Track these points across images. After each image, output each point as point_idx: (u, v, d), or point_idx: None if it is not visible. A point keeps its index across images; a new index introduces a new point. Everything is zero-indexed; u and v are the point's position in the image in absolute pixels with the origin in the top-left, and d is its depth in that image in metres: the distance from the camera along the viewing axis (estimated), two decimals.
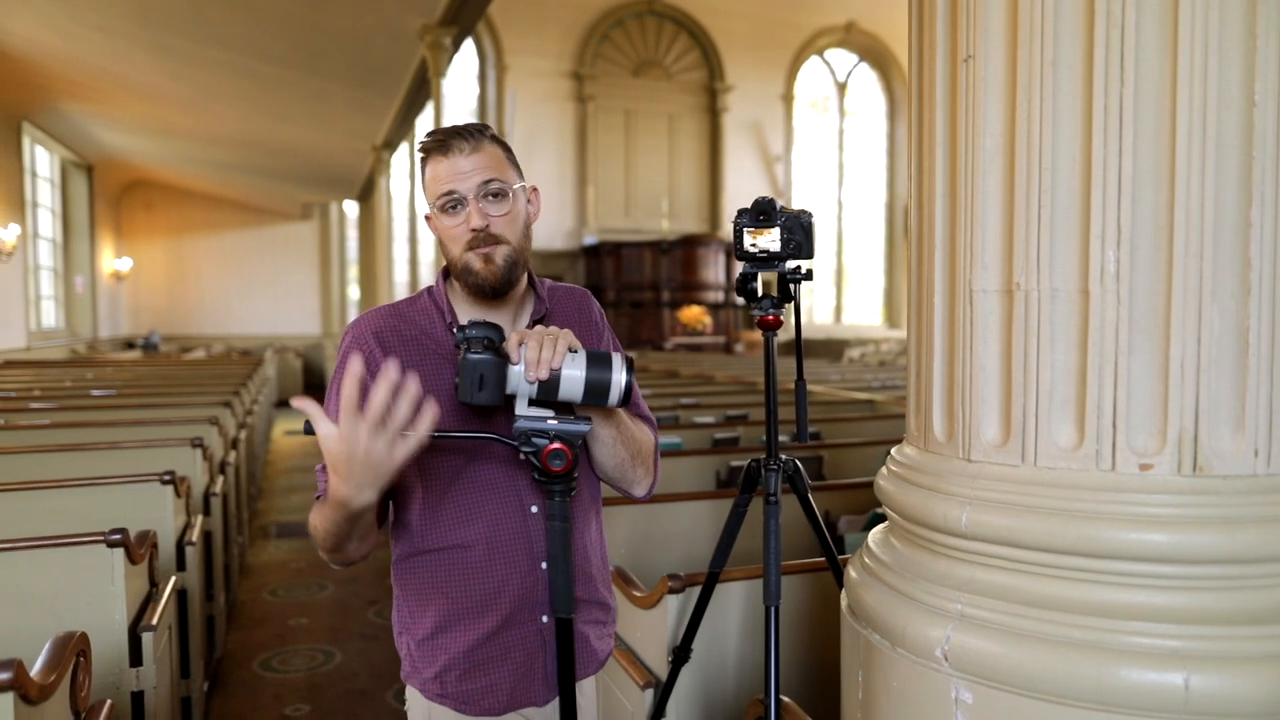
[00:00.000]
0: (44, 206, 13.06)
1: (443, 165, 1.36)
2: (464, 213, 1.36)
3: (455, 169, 1.36)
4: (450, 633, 1.41)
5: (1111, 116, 1.12)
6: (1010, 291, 1.20)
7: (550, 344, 1.25)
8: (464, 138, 1.37)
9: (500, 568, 1.40)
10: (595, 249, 17.51)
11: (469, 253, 1.37)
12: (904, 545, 1.37)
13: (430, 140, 1.39)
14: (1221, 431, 1.11)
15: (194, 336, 16.35)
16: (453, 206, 1.36)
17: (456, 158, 1.36)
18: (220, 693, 3.55)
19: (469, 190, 1.35)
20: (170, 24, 7.76)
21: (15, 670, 1.33)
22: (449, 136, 1.37)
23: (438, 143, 1.37)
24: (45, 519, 2.63)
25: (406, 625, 1.46)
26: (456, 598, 1.40)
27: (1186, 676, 1.04)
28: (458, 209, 1.36)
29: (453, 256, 1.39)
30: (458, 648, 1.41)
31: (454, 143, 1.36)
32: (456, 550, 1.39)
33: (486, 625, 1.40)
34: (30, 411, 5.04)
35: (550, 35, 17.52)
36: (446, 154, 1.36)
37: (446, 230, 1.38)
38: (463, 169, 1.36)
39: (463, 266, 1.38)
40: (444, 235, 1.39)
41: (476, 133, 1.38)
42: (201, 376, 7.91)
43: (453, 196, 1.36)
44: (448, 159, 1.36)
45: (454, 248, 1.38)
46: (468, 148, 1.36)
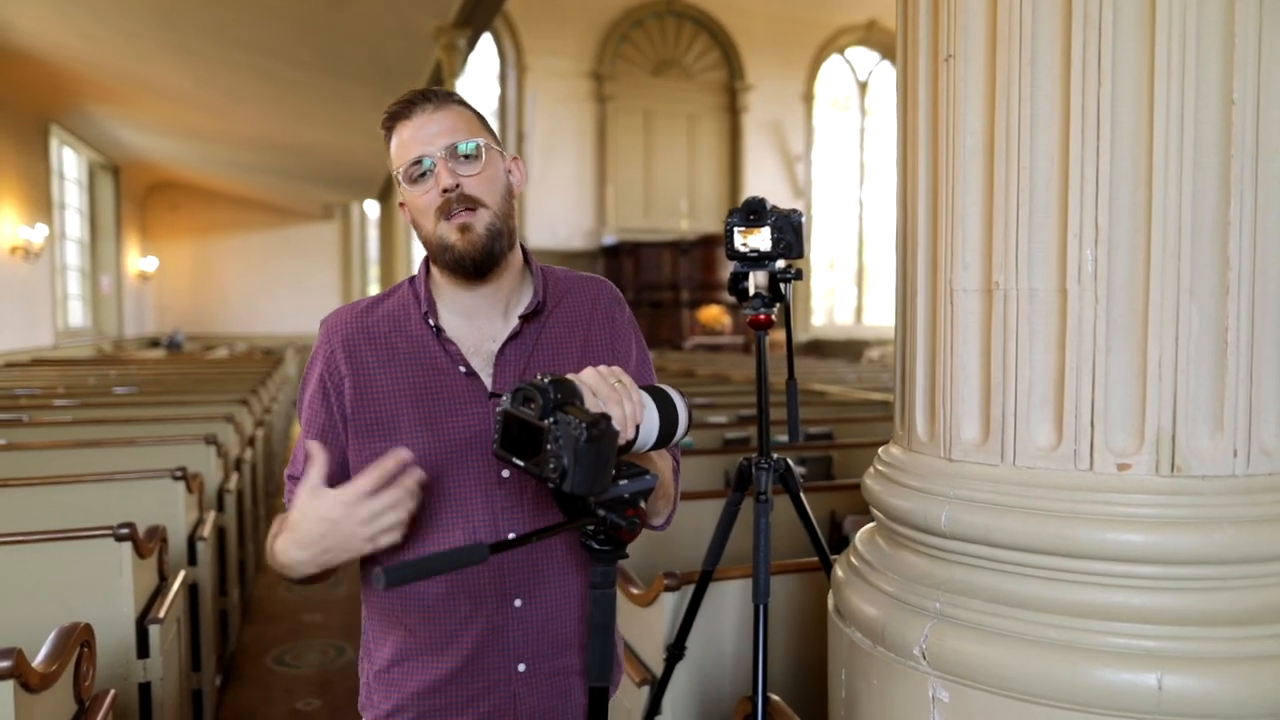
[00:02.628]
0: (71, 207, 13.29)
1: (407, 130, 1.19)
2: (432, 178, 1.18)
3: (420, 131, 1.18)
4: (406, 666, 1.23)
5: (1089, 115, 1.12)
6: (990, 291, 1.21)
7: (625, 394, 1.05)
8: (428, 99, 1.20)
9: (463, 604, 1.20)
10: (614, 249, 17.53)
11: (443, 222, 1.18)
12: (888, 545, 1.37)
13: (393, 106, 1.21)
14: (1200, 431, 1.11)
15: (217, 335, 16.56)
16: (421, 176, 1.18)
17: (420, 118, 1.19)
18: (233, 686, 3.60)
19: (436, 152, 1.17)
20: (192, 27, 7.88)
21: (15, 659, 1.36)
22: (412, 99, 1.21)
23: (401, 106, 1.20)
24: (60, 513, 2.68)
25: (368, 650, 1.29)
26: (415, 630, 1.22)
27: (1160, 677, 1.04)
28: (425, 177, 1.18)
29: (427, 232, 1.20)
30: (413, 686, 1.23)
31: (417, 104, 1.19)
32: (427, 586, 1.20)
33: (446, 666, 1.21)
34: (53, 409, 5.14)
35: (570, 35, 17.57)
36: (410, 116, 1.19)
37: (416, 202, 1.20)
38: (428, 131, 1.18)
39: (438, 242, 1.19)
40: (415, 210, 1.21)
41: (440, 94, 1.22)
42: (222, 375, 8.01)
43: (420, 164, 1.18)
44: (412, 121, 1.19)
45: (426, 221, 1.19)
46: (431, 107, 1.19)
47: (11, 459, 3.44)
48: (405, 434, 1.19)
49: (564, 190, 17.62)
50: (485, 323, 1.26)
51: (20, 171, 10.45)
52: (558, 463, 0.94)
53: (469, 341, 1.25)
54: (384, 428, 1.20)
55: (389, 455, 1.04)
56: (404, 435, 1.19)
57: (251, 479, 4.87)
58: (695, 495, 2.93)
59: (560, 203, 17.53)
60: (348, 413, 1.22)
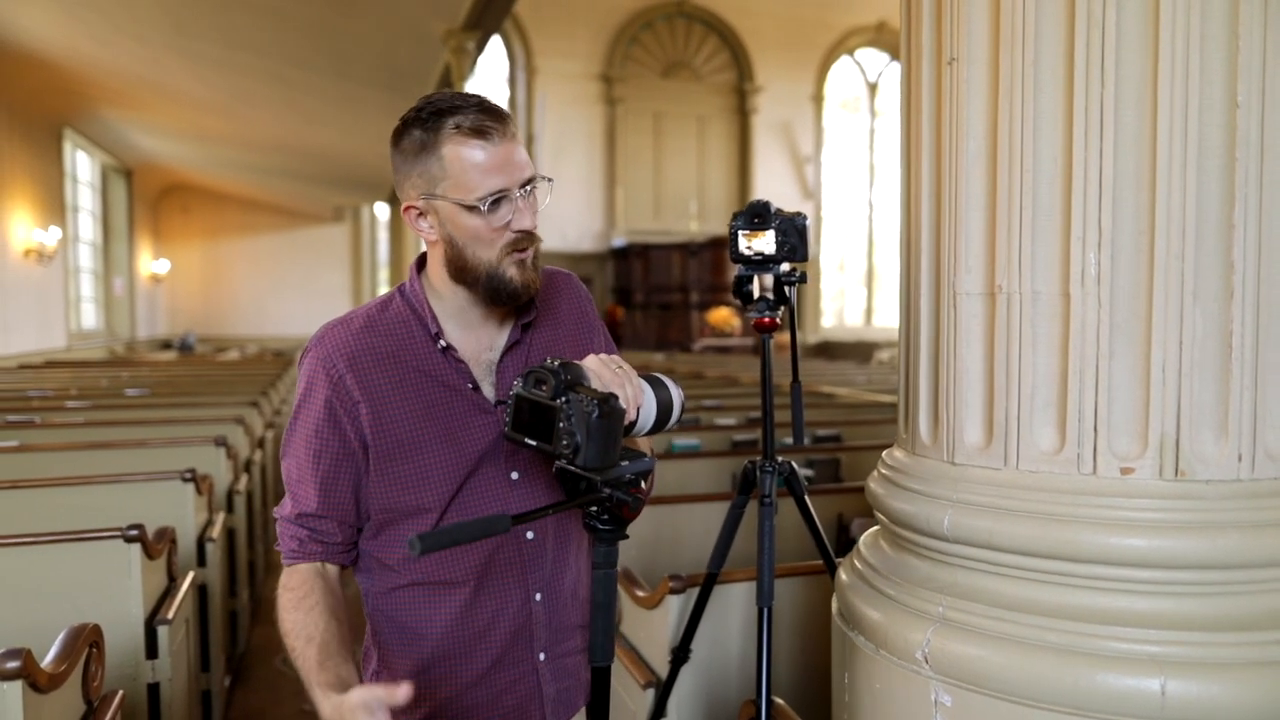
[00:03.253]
0: (85, 210, 13.39)
1: (487, 153, 1.12)
2: (507, 211, 1.14)
3: (503, 158, 1.13)
4: (434, 674, 1.23)
5: (1092, 118, 1.12)
6: (993, 294, 1.20)
7: (627, 378, 1.09)
8: (499, 119, 1.14)
9: (490, 603, 1.23)
10: (624, 251, 17.54)
11: (507, 258, 1.15)
12: (891, 549, 1.37)
13: (453, 120, 1.12)
14: (1204, 436, 1.10)
15: (229, 337, 16.64)
16: (495, 205, 1.13)
17: (501, 146, 1.13)
18: (242, 687, 3.62)
19: (517, 189, 1.14)
20: (203, 31, 7.93)
21: (24, 659, 1.38)
22: (480, 115, 1.13)
23: (471, 119, 1.12)
24: (70, 514, 2.70)
25: (386, 662, 1.26)
26: (441, 638, 1.23)
27: (1163, 682, 1.03)
28: (499, 207, 1.13)
29: (481, 260, 1.16)
30: (445, 692, 1.23)
31: (491, 125, 1.12)
32: (443, 587, 1.22)
33: (476, 668, 1.23)
34: (65, 410, 5.18)
35: (580, 38, 17.60)
36: (490, 139, 1.12)
37: (480, 231, 1.14)
38: (508, 158, 1.13)
39: (496, 273, 1.16)
40: (471, 235, 1.15)
41: (497, 109, 1.15)
42: (233, 377, 8.05)
43: (502, 196, 1.13)
44: (493, 145, 1.12)
45: (487, 251, 1.15)
46: (506, 131, 1.13)
47: (23, 460, 3.47)
48: (429, 453, 1.19)
49: (573, 192, 17.64)
50: (484, 333, 1.25)
51: (34, 175, 10.53)
52: (571, 439, 1.00)
53: (468, 352, 1.24)
54: (406, 449, 1.19)
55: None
56: (428, 454, 1.19)
57: (261, 480, 4.90)
58: (702, 498, 2.93)
59: (570, 205, 17.55)
60: (367, 438, 1.18)
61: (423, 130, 1.14)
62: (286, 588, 1.19)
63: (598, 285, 18.06)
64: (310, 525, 1.20)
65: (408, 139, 1.16)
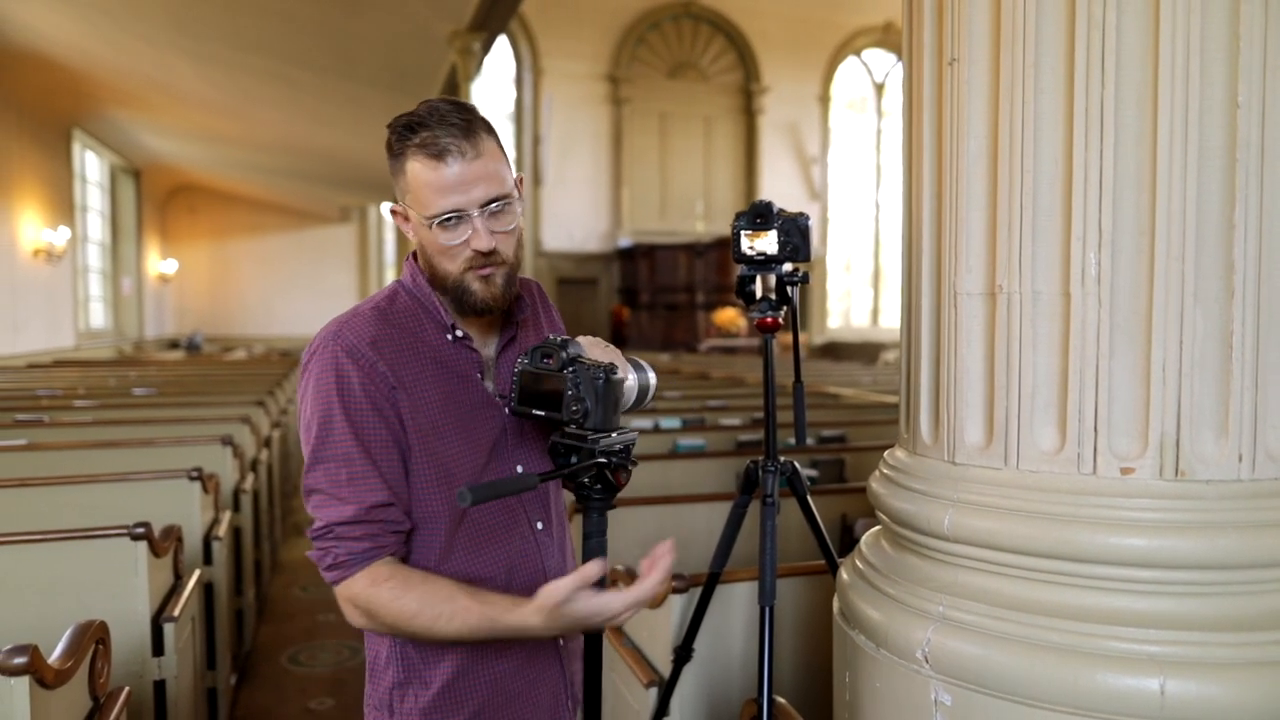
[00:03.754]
0: (93, 210, 13.46)
1: (437, 173, 1.13)
2: (463, 229, 1.16)
3: (457, 179, 1.13)
4: (472, 677, 1.24)
5: (1093, 119, 1.12)
6: (993, 294, 1.21)
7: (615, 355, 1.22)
8: (461, 134, 1.13)
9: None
10: (630, 251, 17.55)
11: (468, 273, 1.19)
12: (892, 548, 1.38)
13: (417, 138, 1.13)
14: (1204, 436, 1.10)
15: (236, 337, 16.71)
16: (451, 224, 1.15)
17: (457, 166, 1.13)
18: (247, 685, 3.64)
19: (474, 210, 1.15)
20: (210, 33, 7.97)
21: (31, 655, 1.39)
22: (441, 134, 1.13)
23: (429, 137, 1.13)
24: (77, 512, 2.72)
25: (411, 677, 1.23)
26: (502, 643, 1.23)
27: (1163, 682, 1.04)
28: (457, 227, 1.16)
29: (445, 271, 1.19)
30: (484, 691, 1.24)
31: (450, 146, 1.12)
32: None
33: (513, 660, 1.26)
34: (73, 409, 5.21)
35: (586, 38, 17.62)
36: (442, 159, 1.13)
37: (440, 246, 1.17)
38: (465, 179, 1.13)
39: (457, 286, 1.19)
40: (433, 249, 1.19)
41: (470, 126, 1.15)
42: (239, 377, 8.09)
43: (455, 216, 1.15)
44: (445, 165, 1.13)
45: (449, 264, 1.19)
46: (469, 151, 1.13)
47: (32, 459, 3.50)
48: (449, 441, 1.20)
49: (579, 192, 17.67)
50: (478, 328, 1.28)
51: (44, 175, 10.59)
52: (580, 405, 1.10)
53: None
54: (435, 434, 1.20)
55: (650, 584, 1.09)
56: (449, 442, 1.20)
57: (268, 480, 4.92)
58: (706, 498, 2.93)
59: (576, 205, 17.57)
60: (405, 420, 1.18)
61: (396, 142, 1.17)
62: (379, 581, 1.13)
63: (604, 286, 18.09)
64: (382, 516, 1.15)
65: (389, 147, 1.19)
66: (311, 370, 1.18)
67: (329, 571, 1.15)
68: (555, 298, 15.33)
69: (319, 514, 1.16)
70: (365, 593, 1.13)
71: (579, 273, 17.80)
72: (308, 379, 1.18)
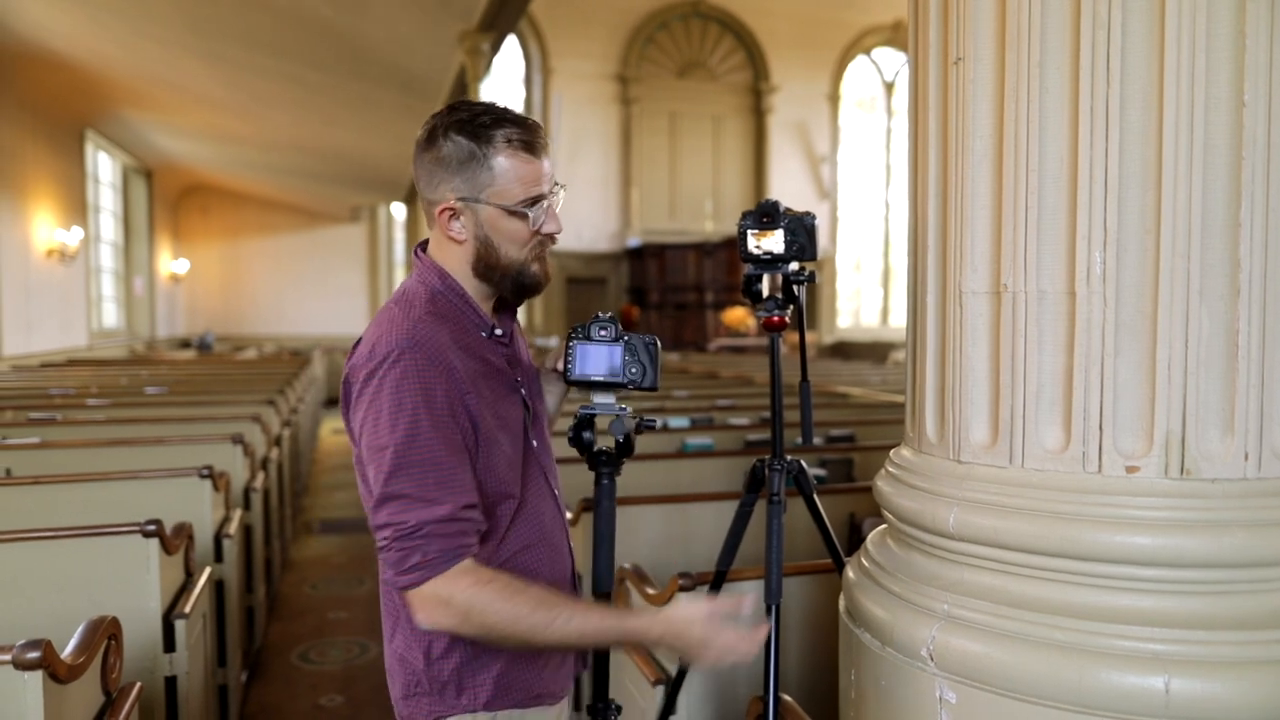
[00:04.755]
0: (106, 210, 13.54)
1: (534, 165, 1.24)
2: (540, 216, 1.26)
3: (544, 171, 1.26)
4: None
5: (1098, 117, 1.12)
6: (998, 293, 1.21)
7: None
8: (540, 134, 1.26)
9: (560, 560, 1.37)
10: (639, 250, 17.55)
11: (530, 257, 1.29)
12: (898, 546, 1.38)
13: (503, 132, 1.23)
14: (1210, 434, 1.10)
15: (247, 336, 16.79)
16: (531, 206, 1.25)
17: (545, 158, 1.26)
18: (258, 682, 3.66)
19: (553, 197, 1.28)
20: (222, 34, 8.01)
21: (44, 650, 1.41)
22: (525, 131, 1.24)
23: (532, 134, 1.25)
24: (90, 510, 2.75)
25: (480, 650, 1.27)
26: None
27: (1167, 680, 1.04)
28: (535, 209, 1.25)
29: (511, 259, 1.28)
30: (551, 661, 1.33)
31: (543, 142, 1.26)
32: (522, 552, 1.30)
33: None
34: (86, 408, 5.25)
35: (595, 38, 17.63)
36: (536, 153, 1.25)
37: (517, 233, 1.26)
38: (548, 172, 1.27)
39: (522, 269, 1.28)
40: (506, 236, 1.26)
41: (541, 128, 1.28)
42: (251, 376, 8.14)
43: (541, 201, 1.26)
44: (538, 159, 1.25)
45: (516, 250, 1.27)
46: (547, 146, 1.27)
47: (45, 457, 3.53)
48: (501, 432, 1.27)
49: (589, 192, 17.67)
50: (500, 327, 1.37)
51: (57, 175, 10.67)
52: (640, 368, 1.33)
53: None
54: (495, 427, 1.26)
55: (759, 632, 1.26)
56: (501, 433, 1.27)
57: (278, 478, 4.94)
58: (714, 496, 2.94)
59: (585, 205, 17.58)
60: (475, 420, 1.23)
61: (470, 139, 1.22)
62: (483, 582, 1.16)
63: (613, 285, 18.09)
64: (470, 516, 1.19)
65: (449, 145, 1.23)
66: (388, 378, 1.18)
67: (412, 572, 1.15)
68: (564, 297, 15.18)
69: (406, 516, 1.15)
70: (467, 592, 1.15)
71: (588, 272, 17.82)
72: (381, 386, 1.18)
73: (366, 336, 1.26)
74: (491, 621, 1.15)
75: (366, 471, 1.21)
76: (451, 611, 1.15)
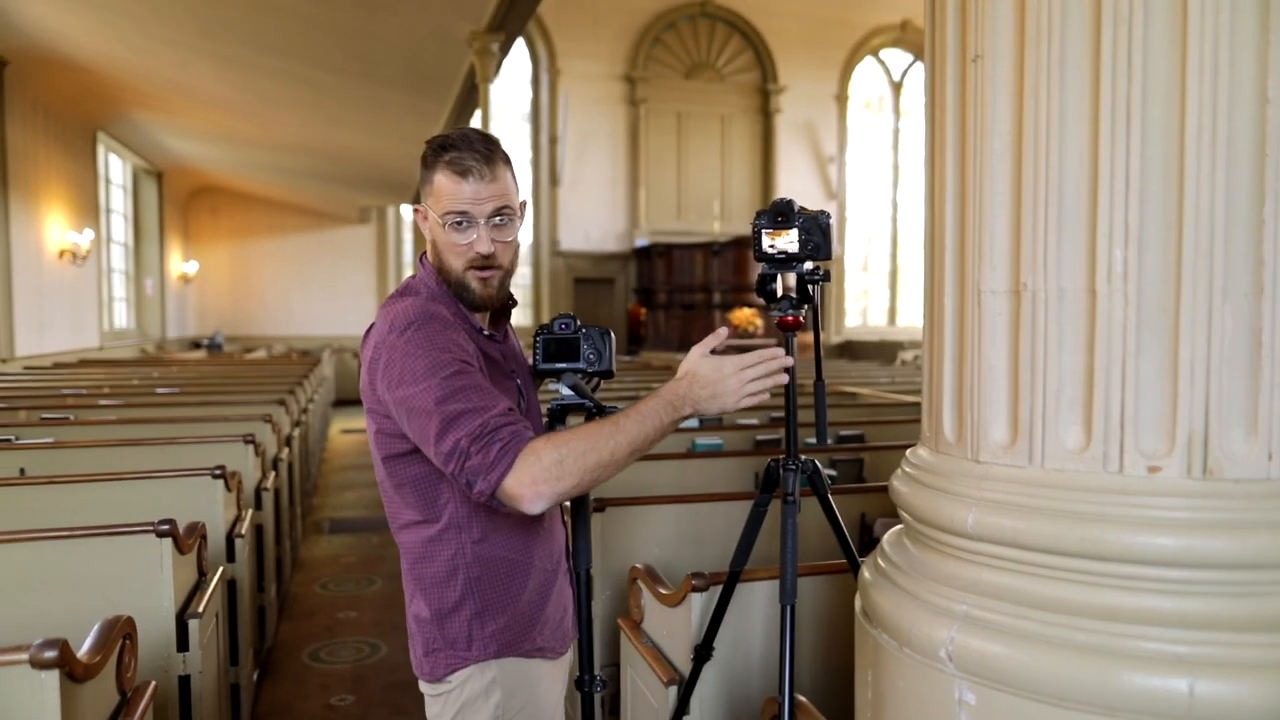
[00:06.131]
0: (116, 212, 13.61)
1: (458, 186, 1.40)
2: (471, 233, 1.42)
3: (472, 194, 1.40)
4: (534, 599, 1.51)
5: (1119, 115, 1.11)
6: (1018, 292, 1.20)
7: None
8: (482, 160, 1.40)
9: (550, 527, 1.56)
10: (646, 250, 17.55)
11: (469, 271, 1.45)
12: (915, 547, 1.37)
13: (448, 155, 1.41)
14: (1233, 434, 1.09)
15: (256, 337, 16.84)
16: (460, 227, 1.42)
17: (475, 183, 1.40)
18: (269, 681, 3.67)
19: (481, 218, 1.42)
20: (233, 36, 8.04)
21: (61, 649, 1.41)
22: (467, 156, 1.40)
23: (456, 156, 1.40)
24: (103, 509, 2.76)
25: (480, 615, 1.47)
26: (535, 562, 1.51)
27: (1191, 683, 1.03)
28: (464, 229, 1.42)
29: (450, 267, 1.46)
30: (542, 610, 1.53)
31: (473, 167, 1.40)
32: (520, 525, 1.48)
33: (556, 583, 1.57)
34: (99, 408, 5.28)
35: (603, 39, 17.63)
36: (464, 176, 1.40)
37: (449, 244, 1.44)
38: (479, 195, 1.41)
39: (458, 282, 1.46)
40: (444, 246, 1.45)
41: (491, 155, 1.41)
42: (261, 376, 8.16)
43: (465, 219, 1.42)
44: (466, 182, 1.40)
45: (454, 261, 1.45)
46: (488, 174, 1.40)
47: (59, 456, 3.55)
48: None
49: (596, 193, 17.69)
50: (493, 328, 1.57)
51: (69, 178, 10.73)
52: (597, 355, 1.55)
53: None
54: None
55: (770, 350, 1.42)
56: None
57: (289, 478, 4.96)
58: (724, 496, 2.93)
59: (593, 205, 17.59)
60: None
61: (430, 156, 1.44)
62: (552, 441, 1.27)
63: (620, 285, 18.10)
64: (516, 417, 1.30)
65: (424, 159, 1.46)
66: (416, 337, 1.35)
67: (500, 461, 1.24)
68: (572, 297, 15.22)
69: (471, 424, 1.26)
70: (548, 453, 1.25)
71: (596, 272, 17.82)
72: (410, 344, 1.34)
73: (380, 320, 1.44)
74: (581, 464, 1.26)
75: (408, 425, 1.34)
76: (549, 473, 1.24)
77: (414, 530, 1.48)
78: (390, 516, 1.51)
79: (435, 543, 1.46)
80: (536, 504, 1.25)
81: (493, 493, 1.25)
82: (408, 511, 1.47)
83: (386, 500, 1.51)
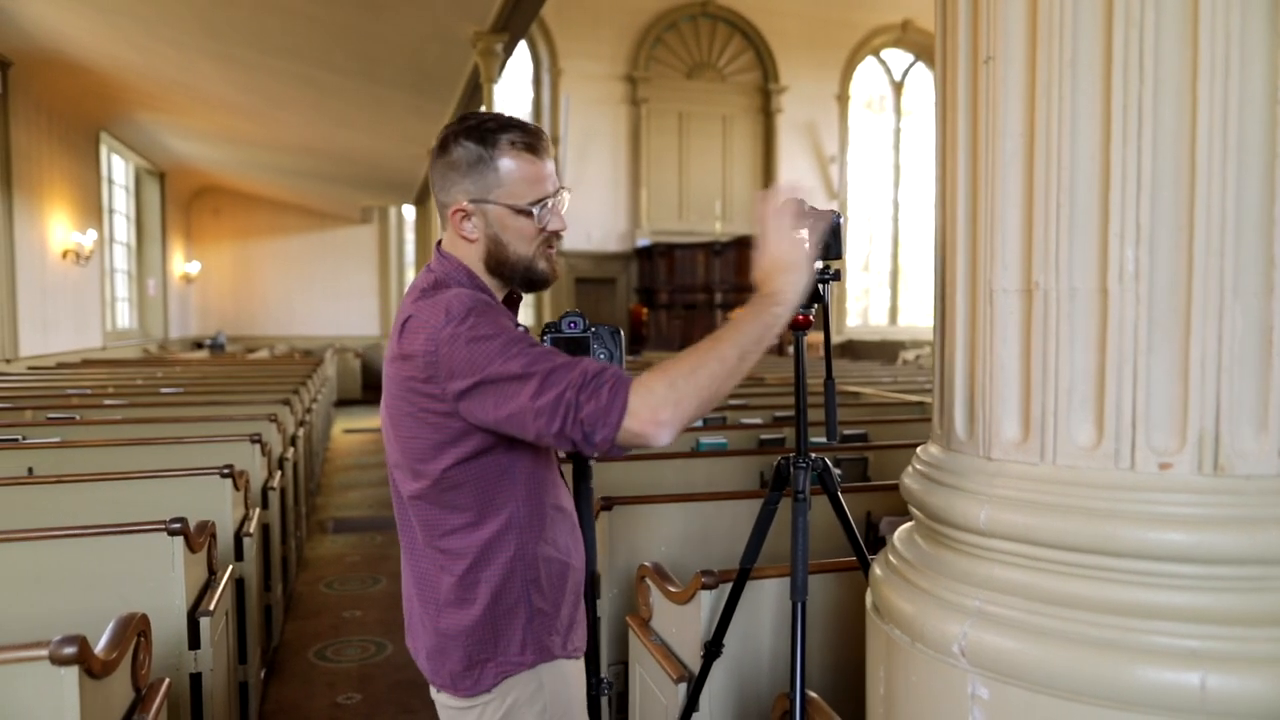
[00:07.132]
0: (119, 212, 13.62)
1: (536, 166, 1.36)
2: (546, 215, 1.38)
3: (546, 172, 1.37)
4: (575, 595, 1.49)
5: (1130, 115, 1.12)
6: (1030, 291, 1.21)
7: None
8: (542, 138, 1.38)
9: (572, 523, 1.54)
10: (648, 250, 17.55)
11: (541, 252, 1.40)
12: (926, 543, 1.38)
13: (508, 136, 1.35)
14: (1244, 431, 1.10)
15: (258, 337, 16.85)
16: (540, 206, 1.37)
17: (547, 160, 1.37)
18: (276, 680, 3.68)
19: (552, 193, 1.38)
20: (237, 37, 8.05)
21: (80, 646, 1.42)
22: (537, 136, 1.37)
23: (535, 138, 1.36)
24: (113, 508, 2.77)
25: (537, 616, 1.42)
26: (578, 559, 1.50)
27: (1203, 676, 1.04)
28: (542, 209, 1.37)
29: (520, 255, 1.39)
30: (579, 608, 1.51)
31: (546, 146, 1.37)
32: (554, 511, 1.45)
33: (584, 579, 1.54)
34: (104, 408, 5.29)
35: (604, 39, 17.64)
36: (539, 155, 1.36)
37: (525, 228, 1.37)
38: (551, 172, 1.38)
39: (531, 265, 1.40)
40: (514, 233, 1.37)
41: (543, 132, 1.39)
42: (264, 376, 8.18)
43: (547, 200, 1.37)
44: (541, 161, 1.36)
45: (524, 246, 1.38)
46: (549, 149, 1.38)
47: (65, 456, 3.56)
48: None
49: (598, 193, 17.68)
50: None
51: (72, 178, 10.74)
52: (606, 352, 1.55)
53: None
54: None
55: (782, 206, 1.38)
56: None
57: (294, 477, 4.97)
58: (729, 495, 2.94)
59: (594, 205, 17.59)
60: None
61: (478, 144, 1.34)
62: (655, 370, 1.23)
63: (622, 285, 18.10)
64: (610, 363, 1.34)
65: (460, 150, 1.35)
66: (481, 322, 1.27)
67: (615, 401, 1.18)
68: (574, 297, 15.19)
69: (569, 374, 1.21)
70: (661, 382, 1.20)
71: (597, 272, 17.83)
72: (476, 326, 1.26)
73: (426, 314, 1.30)
74: (694, 381, 1.21)
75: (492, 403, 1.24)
76: (666, 399, 1.19)
77: (462, 535, 1.37)
78: (426, 527, 1.39)
79: (492, 546, 1.37)
80: (663, 434, 1.19)
81: (613, 437, 1.18)
82: (455, 516, 1.36)
83: (420, 513, 1.39)
